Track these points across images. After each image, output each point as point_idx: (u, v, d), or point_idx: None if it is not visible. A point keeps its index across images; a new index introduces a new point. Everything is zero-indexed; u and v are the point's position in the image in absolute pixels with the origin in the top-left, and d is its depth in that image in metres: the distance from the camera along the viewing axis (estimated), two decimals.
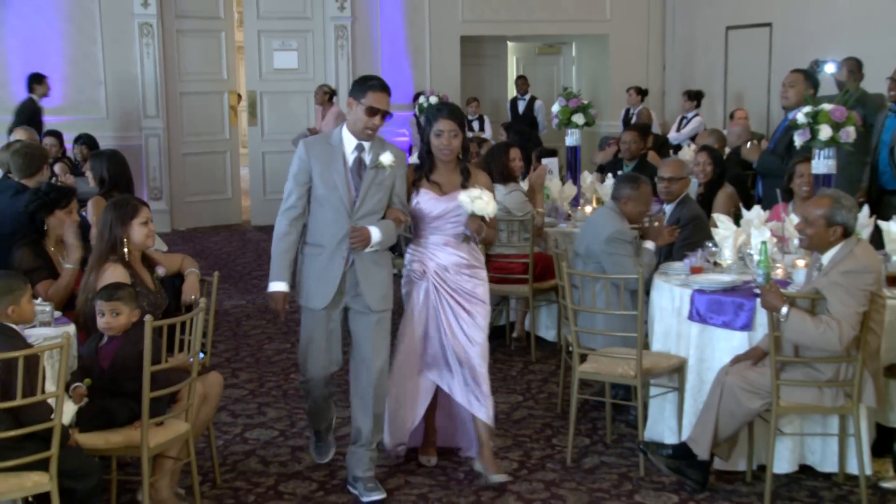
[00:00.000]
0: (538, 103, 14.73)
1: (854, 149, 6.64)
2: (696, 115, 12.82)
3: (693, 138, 11.97)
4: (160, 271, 5.34)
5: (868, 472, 5.04)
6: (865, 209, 6.08)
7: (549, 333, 7.89)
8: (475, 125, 13.83)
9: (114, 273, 4.97)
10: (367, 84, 4.94)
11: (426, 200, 5.18)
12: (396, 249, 6.63)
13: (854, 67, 9.08)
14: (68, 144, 10.62)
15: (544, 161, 9.49)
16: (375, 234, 4.93)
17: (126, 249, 5.07)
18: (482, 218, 5.08)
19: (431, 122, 5.15)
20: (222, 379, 5.43)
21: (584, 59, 16.53)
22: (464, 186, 5.15)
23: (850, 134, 6.07)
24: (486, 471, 5.24)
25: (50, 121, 11.86)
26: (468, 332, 5.20)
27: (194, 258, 5.76)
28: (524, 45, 17.19)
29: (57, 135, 10.62)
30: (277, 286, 5.01)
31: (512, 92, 15.85)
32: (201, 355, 5.09)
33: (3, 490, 4.06)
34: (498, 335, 7.83)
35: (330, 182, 4.93)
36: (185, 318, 4.75)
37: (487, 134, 13.39)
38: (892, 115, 7.57)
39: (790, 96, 7.74)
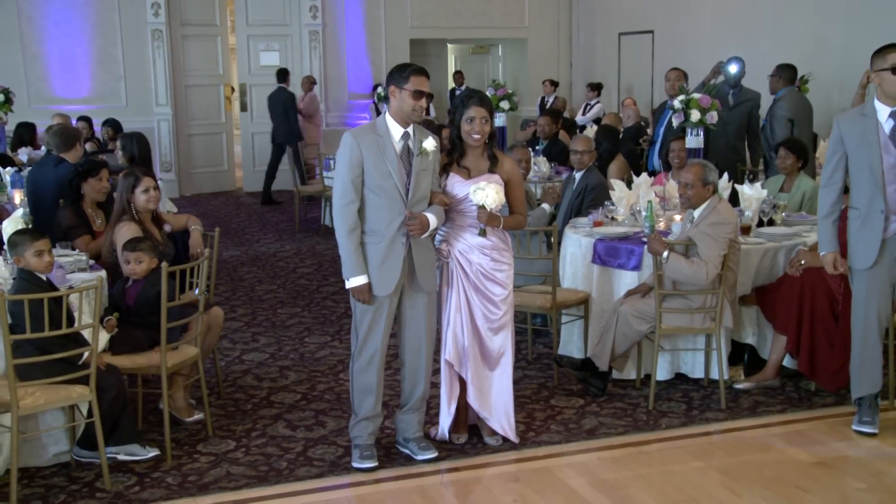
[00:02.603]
0: None
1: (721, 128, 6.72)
2: (598, 102, 12.82)
3: (596, 121, 11.99)
4: (167, 228, 5.26)
5: (726, 377, 5.12)
6: (725, 176, 6.13)
7: None
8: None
9: (128, 229, 4.88)
10: (407, 70, 4.15)
11: (454, 184, 4.36)
12: None
13: (717, 68, 9.14)
14: (97, 128, 10.34)
15: None
16: (432, 220, 4.17)
17: (135, 210, 4.99)
18: (489, 208, 4.26)
19: (463, 109, 4.34)
20: (223, 313, 5.37)
21: (508, 58, 16.37)
22: (491, 171, 4.37)
23: (713, 117, 6.13)
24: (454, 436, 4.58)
25: (79, 109, 11.58)
26: (487, 311, 4.39)
27: (198, 217, 5.67)
28: (461, 47, 16.98)
29: (87, 120, 10.37)
30: (360, 280, 4.12)
31: (451, 84, 15.68)
32: (197, 291, 4.98)
33: (56, 399, 4.02)
34: None
35: (384, 171, 4.10)
36: (194, 265, 4.68)
37: (432, 117, 13.26)
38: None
39: (674, 87, 7.75)
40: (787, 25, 10.61)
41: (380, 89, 13.39)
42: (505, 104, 9.93)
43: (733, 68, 8.28)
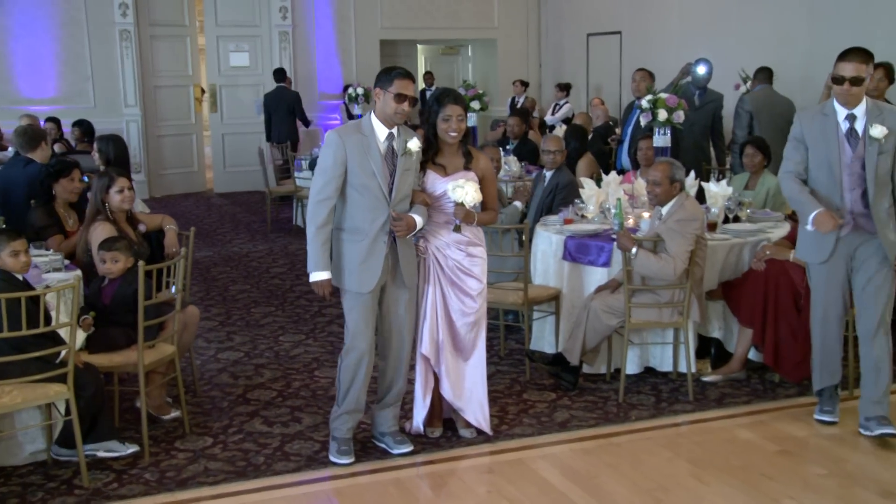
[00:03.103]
0: None
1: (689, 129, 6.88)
2: (566, 102, 12.96)
3: (566, 121, 12.12)
4: (142, 228, 5.31)
5: (693, 370, 5.25)
6: (692, 174, 6.28)
7: None
8: None
9: (102, 229, 4.92)
10: (392, 73, 4.20)
11: (431, 181, 4.43)
12: None
13: (686, 69, 9.33)
14: (66, 129, 10.30)
15: None
16: (418, 220, 4.25)
17: (109, 211, 5.03)
18: (464, 204, 4.35)
19: (438, 108, 4.39)
20: (199, 311, 5.42)
21: (478, 58, 16.50)
22: (466, 168, 4.45)
23: (680, 116, 6.27)
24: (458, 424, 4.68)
25: (47, 109, 11.51)
26: (463, 304, 4.48)
27: (171, 218, 5.70)
28: (430, 47, 17.08)
29: (55, 121, 10.31)
30: (322, 275, 4.21)
31: (421, 84, 15.75)
32: (174, 288, 5.02)
33: (33, 397, 4.05)
34: None
35: (367, 170, 4.15)
36: (170, 264, 4.73)
37: None
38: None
39: (639, 88, 7.91)
40: (753, 25, 10.83)
41: (350, 90, 13.46)
42: (476, 104, 10.08)
43: (702, 69, 8.47)
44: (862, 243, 4.52)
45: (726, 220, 5.89)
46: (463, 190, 4.29)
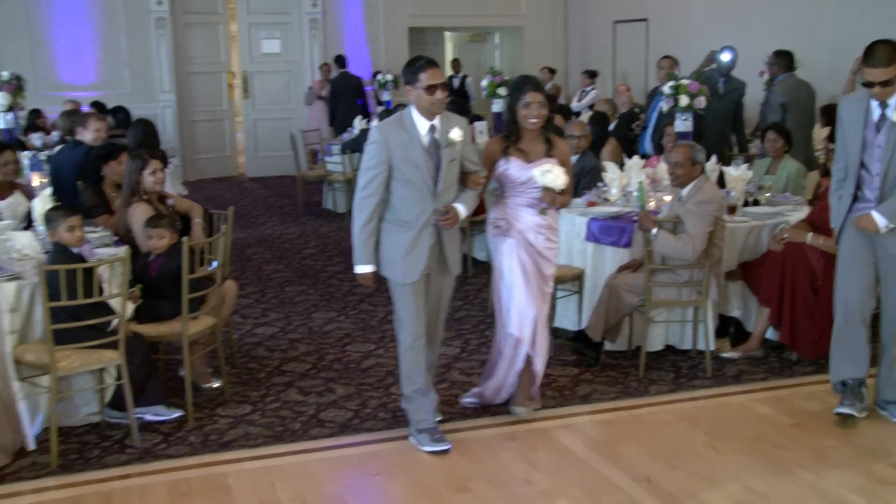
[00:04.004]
0: (469, 80, 14.83)
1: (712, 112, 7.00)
2: (593, 88, 13.07)
3: (590, 107, 12.26)
4: (170, 202, 5.54)
5: (712, 347, 5.44)
6: (713, 159, 6.44)
7: (481, 255, 7.90)
8: None
9: (140, 209, 5.16)
10: (415, 67, 4.17)
11: (514, 167, 4.50)
12: None
13: (710, 57, 9.45)
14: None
15: (475, 124, 9.72)
16: (462, 211, 4.29)
17: (143, 191, 5.27)
18: (553, 189, 4.44)
19: (519, 95, 4.47)
20: (237, 286, 5.68)
21: (505, 45, 16.63)
22: (548, 155, 4.51)
23: (701, 102, 6.43)
24: (513, 403, 4.74)
25: (86, 95, 11.83)
26: (539, 286, 4.58)
27: (204, 202, 5.94)
28: (458, 35, 17.23)
29: (99, 105, 10.58)
30: (365, 268, 4.28)
31: (448, 71, 15.90)
32: (214, 264, 5.26)
33: (88, 361, 4.35)
34: None
35: (412, 164, 4.17)
36: (211, 241, 5.00)
37: None
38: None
39: (662, 75, 8.07)
40: (780, 13, 10.90)
41: (379, 76, 13.68)
42: (502, 90, 10.23)
43: (726, 57, 8.59)
44: (884, 235, 4.48)
45: (746, 204, 6.05)
46: (552, 174, 4.38)
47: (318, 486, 4.07)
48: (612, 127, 9.22)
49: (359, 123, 11.03)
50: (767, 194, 6.16)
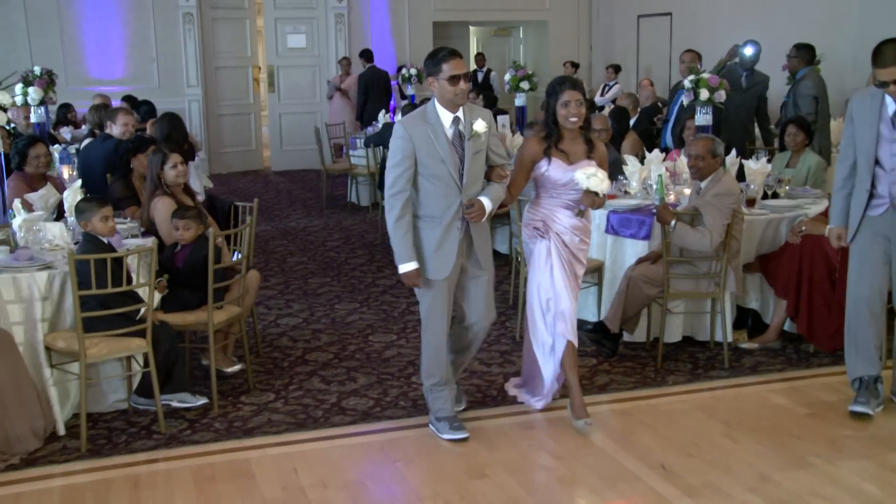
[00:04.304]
0: (493, 74, 14.91)
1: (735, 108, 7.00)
2: (616, 83, 13.09)
3: (614, 101, 12.27)
4: (200, 198, 5.65)
5: (730, 339, 5.49)
6: (733, 152, 6.45)
7: (502, 247, 7.98)
8: None
9: (163, 203, 5.25)
10: (437, 58, 4.14)
11: (555, 169, 4.43)
12: None
13: (733, 51, 9.45)
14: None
15: (499, 118, 9.80)
16: (488, 204, 4.20)
17: (165, 185, 5.37)
18: (595, 192, 4.39)
19: (557, 94, 4.40)
20: (260, 276, 5.79)
21: (529, 40, 16.68)
22: (588, 157, 4.47)
23: (721, 96, 6.45)
24: (574, 413, 4.57)
25: (114, 90, 12.02)
26: (572, 286, 4.52)
27: (229, 196, 6.06)
28: (482, 29, 17.29)
29: (131, 99, 10.73)
30: (409, 266, 4.18)
31: (472, 66, 15.97)
32: (238, 255, 5.36)
33: (117, 349, 4.47)
34: None
35: (437, 158, 4.11)
36: (237, 231, 5.11)
37: None
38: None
39: (684, 69, 8.08)
40: (803, 7, 10.86)
41: (404, 70, 13.78)
42: (525, 85, 10.30)
43: (749, 51, 8.58)
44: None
45: (765, 196, 6.07)
46: (597, 178, 4.33)
47: (340, 471, 4.17)
48: (633, 121, 9.24)
49: (382, 118, 11.12)
50: (787, 187, 6.18)
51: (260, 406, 4.91)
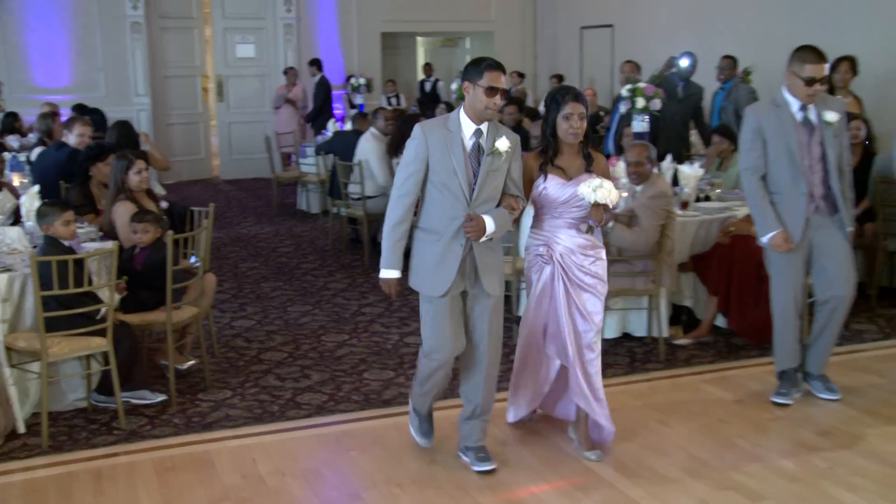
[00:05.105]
0: (441, 84, 15.24)
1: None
2: None
3: None
4: (164, 204, 5.85)
5: (665, 335, 5.84)
6: (668, 157, 6.82)
7: None
8: (394, 101, 14.31)
9: (125, 207, 5.45)
10: (482, 65, 3.93)
11: (554, 186, 4.18)
12: None
13: (670, 62, 9.90)
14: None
15: None
16: (490, 224, 3.91)
17: (129, 190, 5.56)
18: (605, 206, 4.11)
19: (559, 106, 4.16)
20: (216, 279, 5.98)
21: (476, 50, 16.97)
22: (588, 171, 4.21)
23: (657, 104, 6.83)
24: (579, 443, 4.43)
25: (60, 98, 12.04)
26: (588, 308, 4.25)
27: (181, 203, 6.24)
28: (430, 39, 17.58)
29: (81, 108, 10.77)
30: (390, 273, 4.02)
31: (420, 75, 16.29)
32: (195, 260, 5.55)
33: (78, 347, 4.64)
34: None
35: (449, 167, 3.90)
36: (193, 234, 5.30)
37: (403, 107, 13.90)
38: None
39: (623, 79, 8.48)
40: (736, 20, 11.36)
41: (353, 80, 14.02)
42: None
43: (684, 62, 9.05)
44: (822, 226, 4.82)
45: (698, 199, 6.45)
46: (605, 189, 4.05)
47: (297, 460, 4.39)
48: None
49: (332, 126, 11.34)
50: (718, 190, 6.56)
51: (217, 402, 5.10)
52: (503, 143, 3.94)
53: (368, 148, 8.48)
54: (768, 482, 4.06)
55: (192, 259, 5.57)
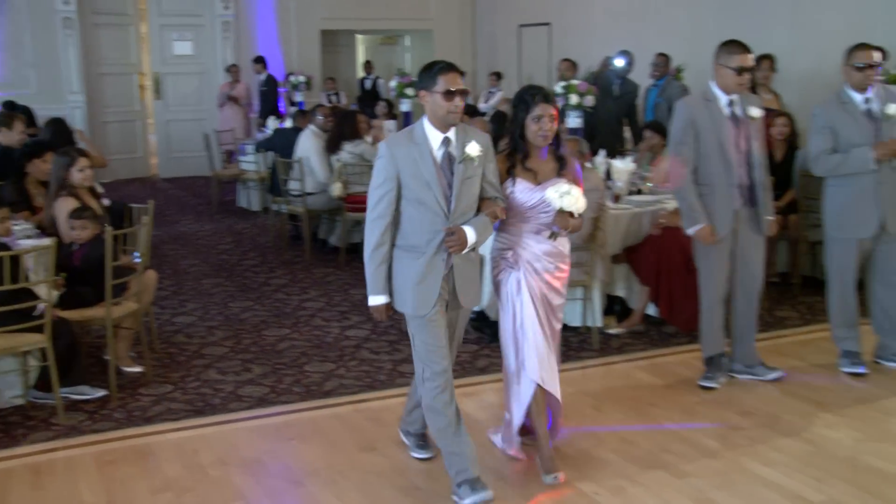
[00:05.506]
0: (381, 81, 15.32)
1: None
2: (499, 90, 13.65)
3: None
4: (105, 202, 5.87)
5: (599, 324, 6.03)
6: (602, 153, 7.04)
7: None
8: (334, 99, 14.35)
9: (65, 203, 5.48)
10: (434, 70, 3.76)
11: (522, 191, 4.01)
12: None
13: (605, 62, 10.16)
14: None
15: (385, 123, 10.20)
16: (471, 235, 3.75)
17: (71, 186, 5.58)
18: (570, 213, 3.96)
19: (528, 107, 3.98)
20: (157, 275, 6.01)
21: (415, 48, 17.15)
22: (560, 175, 4.04)
23: (590, 101, 7.04)
24: (542, 466, 4.14)
25: None
26: (551, 323, 4.13)
27: (120, 201, 6.26)
28: (370, 37, 17.66)
29: (9, 105, 10.63)
30: (379, 300, 3.86)
31: (360, 73, 16.36)
32: (137, 256, 5.59)
33: (15, 344, 4.65)
34: (354, 249, 8.54)
35: (422, 182, 3.73)
36: (133, 231, 5.33)
37: (343, 104, 13.96)
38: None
39: (563, 76, 8.70)
40: (668, 19, 11.68)
41: (292, 78, 14.03)
42: (410, 91, 10.73)
43: (619, 62, 9.31)
44: (748, 218, 5.05)
45: (630, 193, 6.67)
46: (572, 197, 3.91)
47: (238, 450, 4.46)
48: None
49: (272, 123, 11.36)
50: (649, 184, 6.79)
51: (159, 396, 5.14)
52: (473, 148, 3.78)
53: (308, 145, 8.55)
54: (693, 460, 4.27)
55: (135, 256, 5.59)
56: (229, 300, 7.19)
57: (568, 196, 3.90)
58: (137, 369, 5.46)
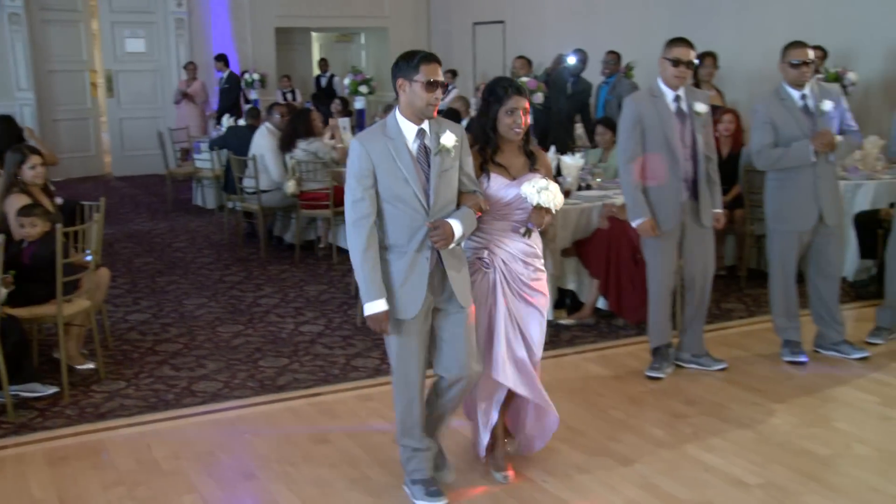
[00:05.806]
0: (336, 79, 15.32)
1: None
2: (454, 87, 13.74)
3: None
4: (58, 200, 5.85)
5: (551, 317, 6.11)
6: (552, 148, 7.16)
7: (345, 243, 8.41)
8: (289, 96, 14.33)
9: (17, 200, 5.45)
10: (416, 59, 3.56)
11: (497, 187, 3.84)
12: None
13: (558, 59, 10.30)
14: None
15: (339, 120, 10.24)
16: (457, 228, 3.57)
17: (23, 183, 5.56)
18: (546, 209, 3.80)
19: (501, 100, 3.83)
20: (110, 273, 6.00)
21: (371, 46, 17.17)
22: (532, 170, 3.91)
23: (539, 98, 7.16)
24: (493, 464, 4.15)
25: None
26: (532, 336, 4.00)
27: (73, 199, 6.24)
28: (325, 35, 17.64)
29: None
30: (378, 306, 3.57)
31: (316, 71, 16.35)
32: (89, 254, 5.59)
33: None
34: (309, 246, 8.61)
35: (399, 177, 3.55)
36: (84, 228, 5.33)
37: (298, 102, 13.95)
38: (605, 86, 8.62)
39: (516, 74, 8.82)
40: (619, 17, 11.88)
41: (247, 75, 14.00)
42: (364, 88, 10.80)
43: (571, 60, 9.46)
44: (693, 211, 5.18)
45: (580, 188, 6.80)
46: (550, 193, 3.77)
47: (192, 444, 4.50)
48: (465, 122, 9.90)
49: (227, 121, 11.33)
50: (598, 180, 6.93)
51: (111, 393, 5.15)
52: (449, 139, 3.62)
53: (263, 143, 8.56)
54: (639, 448, 4.39)
55: (87, 255, 5.58)
56: (184, 297, 7.19)
57: (546, 192, 3.78)
58: (90, 366, 5.45)
